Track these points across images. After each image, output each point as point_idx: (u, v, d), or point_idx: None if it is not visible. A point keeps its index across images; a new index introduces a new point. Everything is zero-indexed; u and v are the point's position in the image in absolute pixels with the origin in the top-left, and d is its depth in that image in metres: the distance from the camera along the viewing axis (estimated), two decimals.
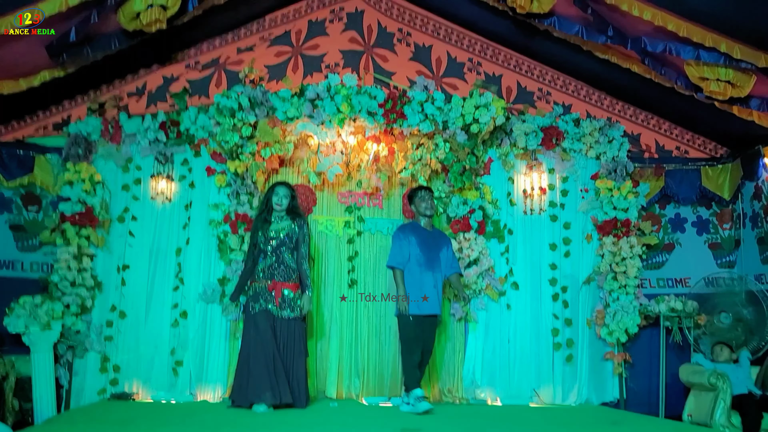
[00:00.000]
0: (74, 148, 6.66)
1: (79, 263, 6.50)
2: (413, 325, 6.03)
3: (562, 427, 5.11)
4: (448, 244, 6.41)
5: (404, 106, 6.65)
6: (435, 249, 6.25)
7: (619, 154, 7.16)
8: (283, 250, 6.00)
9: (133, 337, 6.69)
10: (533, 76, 7.43)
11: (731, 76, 5.79)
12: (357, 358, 6.84)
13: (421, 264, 6.14)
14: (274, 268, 5.96)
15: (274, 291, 5.91)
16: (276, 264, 5.96)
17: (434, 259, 6.22)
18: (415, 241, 6.18)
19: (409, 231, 6.26)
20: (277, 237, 6.01)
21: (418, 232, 6.26)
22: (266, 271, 5.96)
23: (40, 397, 6.08)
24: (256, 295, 5.94)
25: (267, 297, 5.90)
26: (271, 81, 7.04)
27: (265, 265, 5.98)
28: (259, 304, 5.89)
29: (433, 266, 6.19)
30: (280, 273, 5.95)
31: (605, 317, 6.91)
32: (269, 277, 5.94)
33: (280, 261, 5.97)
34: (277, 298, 5.90)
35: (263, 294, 5.92)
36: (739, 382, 6.20)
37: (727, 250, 7.36)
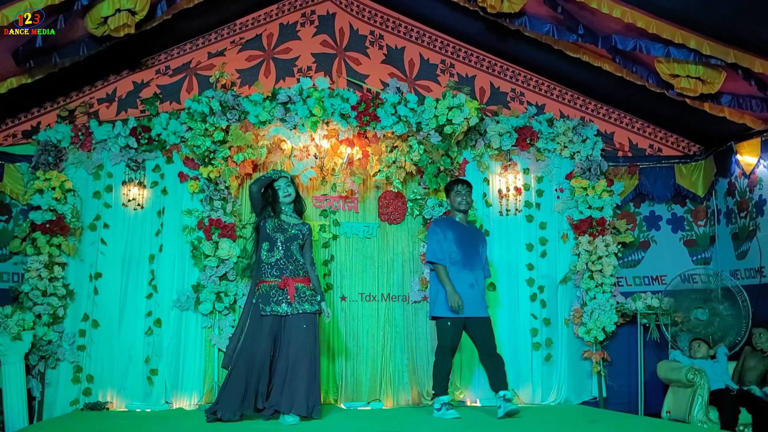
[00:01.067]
0: (44, 156, 6.57)
1: (50, 272, 6.40)
2: (450, 330, 5.77)
3: (540, 426, 5.09)
4: (484, 242, 6.13)
5: (377, 109, 6.63)
6: (472, 246, 5.96)
7: (593, 153, 7.19)
8: (294, 245, 5.68)
9: (106, 346, 6.58)
10: (506, 76, 7.44)
11: (701, 73, 5.83)
12: (335, 363, 6.79)
13: (456, 262, 5.84)
14: (283, 261, 5.59)
15: (286, 288, 5.51)
16: (285, 259, 5.60)
17: (472, 255, 5.92)
18: (452, 237, 5.88)
19: (445, 225, 5.98)
20: (288, 230, 5.71)
21: (455, 228, 5.97)
22: (275, 267, 5.59)
23: (11, 409, 5.96)
24: (266, 296, 5.52)
25: (279, 297, 5.50)
26: (243, 86, 7.00)
27: (273, 259, 5.61)
28: (270, 306, 5.49)
29: (471, 264, 5.89)
30: (290, 267, 5.59)
31: (582, 316, 6.93)
32: (278, 274, 5.57)
33: (290, 256, 5.63)
34: (291, 295, 5.49)
35: (274, 295, 5.51)
36: (717, 377, 6.22)
37: (702, 247, 7.40)
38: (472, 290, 5.83)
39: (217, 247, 6.56)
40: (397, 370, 6.85)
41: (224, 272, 6.58)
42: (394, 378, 6.84)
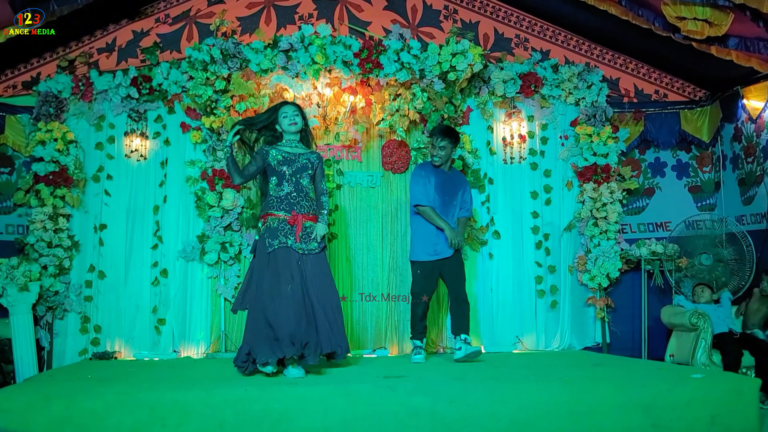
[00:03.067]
0: (45, 107, 6.52)
1: (54, 224, 6.41)
2: (419, 277, 5.89)
3: (544, 369, 5.13)
4: (465, 185, 6.12)
5: (380, 56, 6.55)
6: (451, 193, 5.98)
7: (598, 99, 7.12)
8: (304, 177, 5.19)
9: (113, 296, 6.64)
10: (510, 22, 7.33)
11: (708, 15, 5.73)
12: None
13: (435, 208, 5.88)
14: (293, 198, 5.11)
15: (295, 225, 5.06)
16: (295, 193, 5.12)
17: (448, 203, 5.95)
18: (434, 183, 5.90)
19: (428, 171, 5.96)
20: (296, 160, 5.19)
21: (437, 174, 5.95)
22: (284, 202, 5.10)
23: (21, 359, 6.03)
24: (273, 231, 5.03)
25: (287, 232, 5.04)
26: (243, 34, 6.91)
27: (282, 193, 5.12)
28: (278, 240, 5.01)
29: (446, 211, 5.93)
30: (300, 203, 5.12)
31: (587, 263, 6.94)
32: (288, 208, 5.08)
33: (300, 189, 5.14)
34: (297, 234, 5.04)
35: (282, 229, 5.04)
36: (720, 321, 6.25)
37: (707, 193, 7.38)
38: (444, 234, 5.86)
39: (221, 198, 6.56)
40: (401, 319, 6.87)
41: (228, 222, 6.58)
42: (399, 326, 6.88)
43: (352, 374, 4.93)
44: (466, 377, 4.64)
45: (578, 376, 4.70)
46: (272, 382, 4.41)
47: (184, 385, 4.36)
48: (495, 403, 4.14)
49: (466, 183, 6.19)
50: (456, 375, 4.79)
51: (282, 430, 3.99)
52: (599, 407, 4.18)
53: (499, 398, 4.17)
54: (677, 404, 4.19)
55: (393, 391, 4.17)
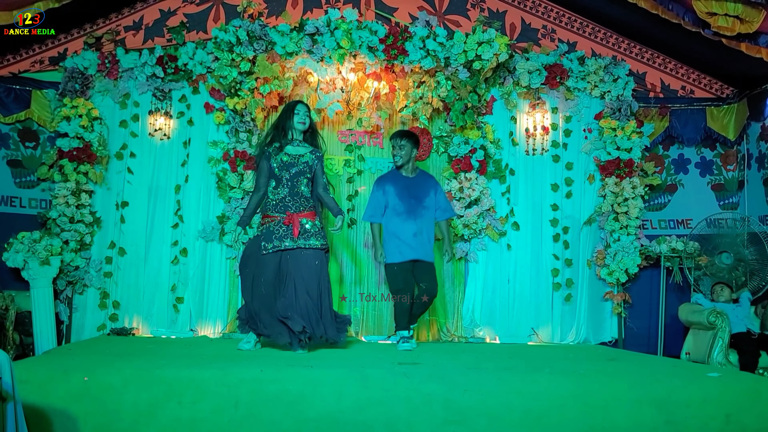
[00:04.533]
0: (71, 83, 6.58)
1: (77, 199, 6.48)
2: (397, 273, 5.90)
3: (559, 361, 5.12)
4: (435, 187, 6.10)
5: (405, 42, 6.53)
6: (417, 196, 5.98)
7: (624, 93, 7.06)
8: (301, 180, 5.40)
9: (132, 273, 6.71)
10: (538, 12, 7.28)
11: (740, 11, 5.66)
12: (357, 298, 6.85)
13: (400, 213, 5.92)
14: (288, 199, 5.33)
15: (291, 224, 5.27)
16: (290, 195, 5.34)
17: (415, 206, 5.96)
18: (393, 191, 5.95)
19: (385, 181, 6.03)
20: (295, 163, 5.40)
21: (396, 180, 6.01)
22: (280, 203, 5.33)
23: (41, 332, 6.12)
24: (269, 233, 5.29)
25: (283, 234, 5.27)
26: (270, 16, 6.91)
27: (277, 196, 5.36)
28: (273, 244, 5.26)
29: (415, 213, 5.94)
30: (295, 204, 5.34)
31: (606, 257, 6.90)
32: (283, 209, 5.31)
33: (296, 191, 5.37)
34: (296, 230, 5.25)
35: (277, 231, 5.28)
36: (738, 321, 6.22)
37: (730, 192, 7.30)
38: (416, 238, 5.91)
39: (242, 179, 6.59)
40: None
41: None
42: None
43: (367, 359, 4.96)
44: (481, 366, 4.64)
45: (593, 369, 4.69)
46: (288, 364, 4.44)
47: (200, 364, 4.39)
48: (509, 394, 4.14)
49: (435, 184, 6.16)
50: (470, 364, 4.79)
51: (296, 411, 4.01)
52: (613, 401, 4.16)
53: (513, 389, 4.16)
54: (692, 402, 4.16)
55: (407, 377, 4.18)
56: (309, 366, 4.32)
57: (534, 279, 7.07)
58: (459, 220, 6.77)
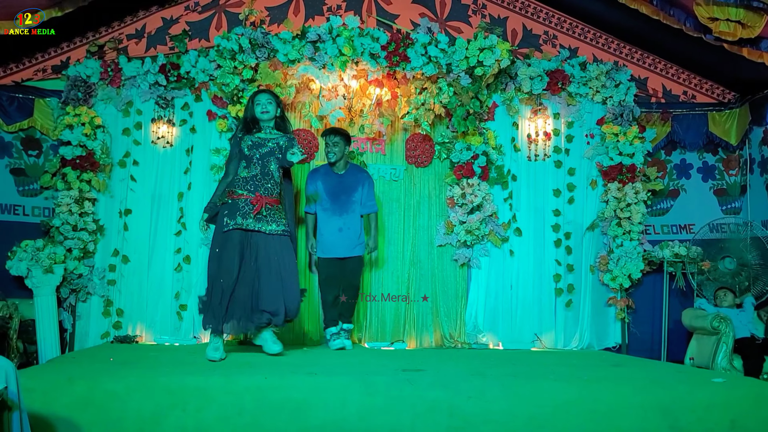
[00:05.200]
0: (74, 92, 6.59)
1: (80, 207, 6.49)
2: (322, 267, 6.29)
3: (562, 368, 5.12)
4: (363, 183, 6.36)
5: (407, 49, 6.53)
6: (345, 192, 6.28)
7: (626, 98, 7.06)
8: (271, 161, 5.26)
9: (136, 281, 6.71)
10: (539, 18, 7.29)
11: (742, 16, 5.68)
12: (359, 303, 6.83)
13: (327, 209, 6.26)
14: (258, 179, 5.19)
15: (257, 205, 5.11)
16: (260, 175, 5.19)
17: (344, 202, 6.27)
18: (322, 187, 6.27)
19: (317, 176, 6.36)
20: (264, 144, 5.28)
21: (326, 177, 6.32)
22: (249, 183, 5.17)
23: (44, 340, 6.13)
24: (233, 210, 5.09)
25: (246, 212, 5.08)
26: (272, 24, 6.93)
27: (248, 174, 5.20)
28: (234, 221, 5.06)
29: (341, 210, 6.26)
30: (265, 187, 5.19)
31: (609, 263, 6.90)
32: (252, 190, 5.15)
33: (266, 172, 5.22)
34: (256, 211, 5.09)
35: (242, 208, 5.09)
36: (742, 326, 6.21)
37: (732, 196, 7.30)
38: (341, 234, 6.23)
39: None
40: (420, 312, 6.91)
41: None
42: (418, 320, 6.91)
43: (371, 366, 4.95)
44: (485, 373, 4.64)
45: (597, 375, 4.68)
46: (291, 371, 4.44)
47: (204, 371, 4.39)
48: (513, 400, 4.13)
49: (365, 179, 6.40)
50: (474, 370, 4.79)
51: (300, 418, 4.01)
52: (617, 408, 4.15)
53: (517, 395, 4.16)
54: (697, 407, 4.15)
55: (411, 384, 4.18)
56: (313, 373, 4.32)
57: (537, 285, 7.06)
58: (461, 226, 6.77)
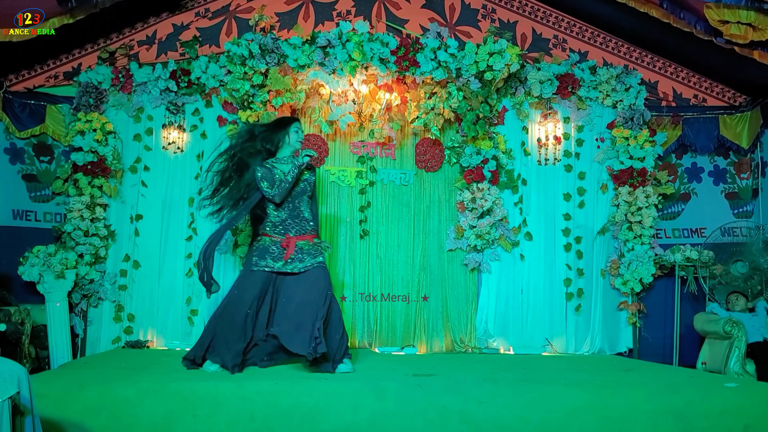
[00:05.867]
0: (85, 98, 6.63)
1: (92, 213, 6.52)
2: None
3: (574, 372, 5.10)
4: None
5: (417, 54, 6.54)
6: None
7: (636, 102, 7.05)
8: (303, 200, 5.18)
9: (147, 286, 6.73)
10: (549, 22, 7.29)
11: (753, 19, 5.64)
12: (369, 309, 6.85)
13: None
14: (288, 223, 5.11)
15: (287, 248, 5.05)
16: (290, 219, 5.11)
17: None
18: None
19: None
20: (296, 184, 5.14)
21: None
22: (280, 226, 5.10)
23: (56, 345, 6.15)
24: (263, 251, 5.07)
25: (276, 255, 5.04)
26: (282, 29, 6.95)
27: (278, 219, 5.11)
28: (265, 262, 5.03)
29: None
30: (295, 227, 5.11)
31: (620, 267, 6.88)
32: (283, 232, 5.10)
33: (296, 215, 5.14)
34: (287, 255, 5.02)
35: (272, 252, 5.06)
36: (755, 330, 6.18)
37: (744, 200, 7.27)
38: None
39: None
40: (431, 317, 6.90)
41: None
42: (428, 325, 6.90)
43: (382, 371, 4.95)
44: (496, 378, 4.63)
45: (608, 380, 4.67)
46: (302, 377, 4.44)
47: (215, 377, 4.40)
48: (524, 406, 4.13)
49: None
50: (485, 376, 4.78)
51: (311, 424, 4.02)
52: (630, 413, 4.14)
53: (528, 401, 4.15)
54: (710, 413, 4.14)
55: (422, 389, 4.18)
56: (324, 379, 4.33)
57: (547, 289, 7.04)
58: (472, 230, 6.76)
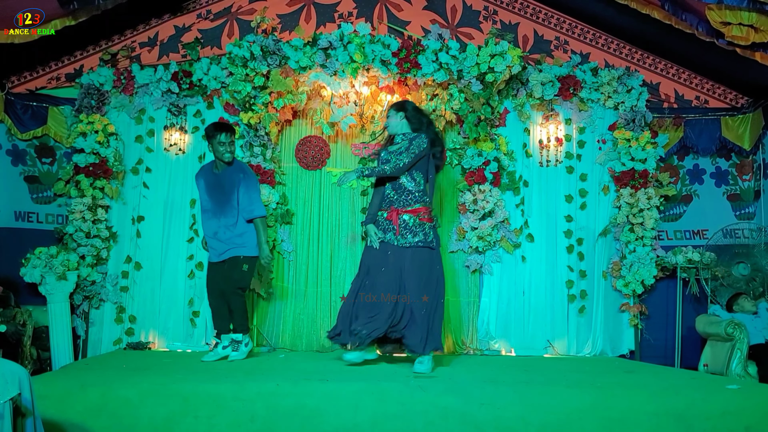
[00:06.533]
0: (87, 99, 6.65)
1: (93, 214, 6.53)
2: (208, 272, 5.74)
3: (575, 374, 5.10)
4: (239, 183, 5.54)
5: (418, 55, 6.54)
6: (223, 193, 5.55)
7: (638, 103, 7.03)
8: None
9: (149, 288, 6.74)
10: (550, 24, 7.28)
11: (754, 20, 5.62)
12: None
13: (207, 210, 5.64)
14: (391, 196, 5.30)
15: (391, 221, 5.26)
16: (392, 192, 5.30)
17: (222, 203, 5.54)
18: (203, 186, 5.66)
19: (200, 174, 5.76)
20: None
21: (207, 175, 5.67)
22: (386, 200, 5.33)
23: (58, 346, 6.16)
24: (380, 225, 5.33)
25: (386, 228, 5.27)
26: (283, 31, 6.95)
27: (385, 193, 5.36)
28: (378, 235, 5.29)
29: (218, 212, 5.56)
30: (399, 200, 5.27)
31: (621, 269, 6.87)
32: (388, 206, 5.31)
33: (398, 187, 5.29)
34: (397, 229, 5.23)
35: (383, 225, 5.29)
36: (757, 332, 6.17)
37: (746, 202, 7.26)
38: (216, 239, 5.60)
39: None
40: None
41: None
42: None
43: (383, 372, 4.95)
44: (497, 380, 4.63)
45: (610, 382, 4.67)
46: (304, 378, 4.44)
47: (216, 378, 4.40)
48: (525, 407, 4.12)
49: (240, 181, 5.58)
50: (487, 377, 4.78)
51: (313, 425, 4.02)
52: (631, 415, 4.14)
53: (529, 402, 4.15)
54: (711, 414, 4.13)
55: (423, 390, 4.18)
56: (325, 380, 4.33)
57: (549, 291, 7.03)
58: (473, 232, 6.76)
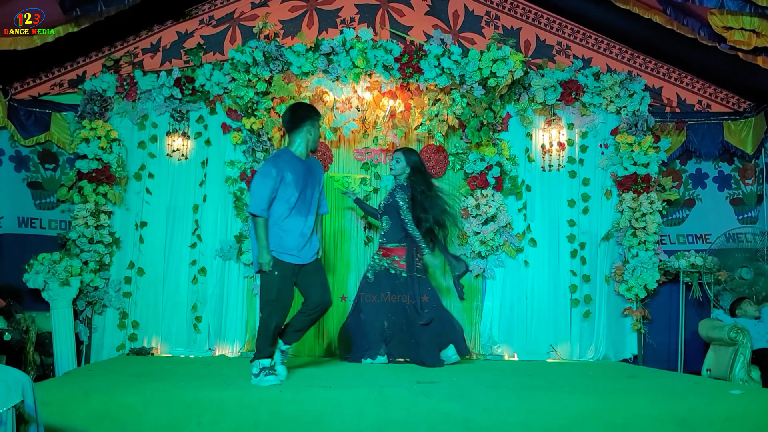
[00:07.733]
0: (90, 105, 6.66)
1: (96, 220, 6.53)
2: (277, 281, 4.69)
3: (578, 379, 5.09)
4: (322, 177, 5.04)
5: (420, 61, 6.55)
6: (314, 186, 4.90)
7: (640, 108, 7.03)
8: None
9: (151, 293, 6.75)
10: (552, 29, 7.28)
11: (756, 25, 5.63)
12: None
13: (291, 207, 4.74)
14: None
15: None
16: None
17: (309, 197, 4.84)
18: (292, 179, 4.71)
19: (282, 166, 4.70)
20: None
21: (295, 165, 4.77)
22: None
23: (61, 352, 6.16)
24: None
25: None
26: (286, 37, 6.95)
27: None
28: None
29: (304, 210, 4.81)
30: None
31: (624, 273, 6.86)
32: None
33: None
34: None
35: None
36: (760, 336, 6.17)
37: (749, 206, 7.25)
38: (303, 238, 4.79)
39: None
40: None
41: None
42: None
43: (386, 378, 4.94)
44: (500, 385, 4.63)
45: (613, 387, 4.67)
46: (307, 384, 4.44)
47: (219, 384, 4.41)
48: (528, 412, 4.12)
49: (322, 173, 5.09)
50: (489, 383, 4.78)
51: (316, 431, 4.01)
52: (634, 419, 4.13)
53: (532, 407, 4.14)
54: (714, 420, 4.12)
55: (426, 396, 4.17)
56: (328, 386, 4.33)
57: (552, 295, 7.03)
58: (476, 236, 6.76)
